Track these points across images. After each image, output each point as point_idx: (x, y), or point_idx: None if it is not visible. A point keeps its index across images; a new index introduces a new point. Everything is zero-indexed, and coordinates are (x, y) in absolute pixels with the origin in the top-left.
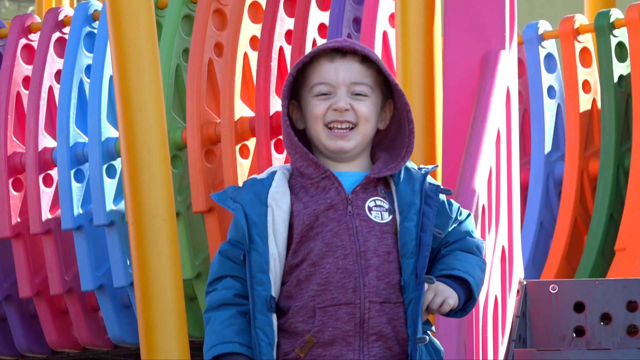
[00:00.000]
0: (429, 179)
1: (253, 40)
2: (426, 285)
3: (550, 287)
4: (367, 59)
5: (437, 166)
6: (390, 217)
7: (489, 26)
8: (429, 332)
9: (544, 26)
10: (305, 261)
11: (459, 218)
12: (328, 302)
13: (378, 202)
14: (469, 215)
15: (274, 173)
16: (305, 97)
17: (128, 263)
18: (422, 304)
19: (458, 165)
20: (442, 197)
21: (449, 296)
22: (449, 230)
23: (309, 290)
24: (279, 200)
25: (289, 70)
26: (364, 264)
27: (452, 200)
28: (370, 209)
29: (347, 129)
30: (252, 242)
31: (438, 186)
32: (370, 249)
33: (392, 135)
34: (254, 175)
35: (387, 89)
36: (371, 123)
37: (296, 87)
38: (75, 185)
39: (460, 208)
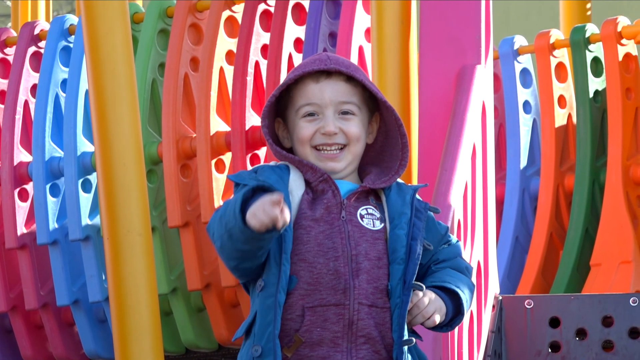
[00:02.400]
0: (417, 196)
1: (229, 55)
2: (419, 294)
3: (526, 302)
4: (352, 77)
5: (427, 184)
6: (382, 225)
7: (465, 41)
8: (414, 340)
9: (519, 41)
10: (295, 257)
11: (449, 240)
12: (317, 302)
13: (370, 211)
14: (457, 241)
15: (284, 164)
16: (292, 118)
17: (103, 278)
18: (408, 309)
19: (434, 180)
20: (430, 214)
21: (439, 308)
22: (439, 248)
23: (298, 289)
24: (295, 190)
25: (264, 85)
26: (354, 267)
27: (440, 221)
28: (362, 217)
29: (336, 150)
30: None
31: (427, 203)
32: (362, 253)
33: (379, 148)
34: (265, 164)
35: (373, 103)
36: (361, 142)
37: (281, 106)
38: (50, 199)
39: (449, 232)
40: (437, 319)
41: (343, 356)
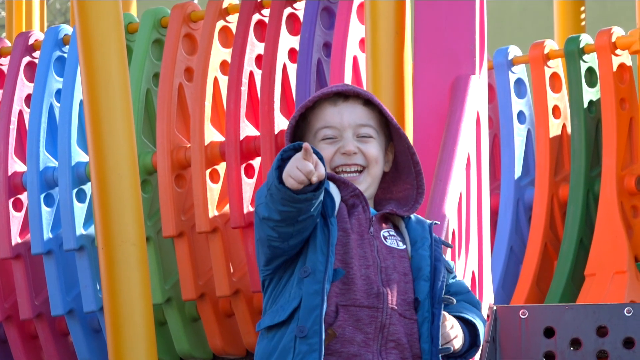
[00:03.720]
0: None
1: (223, 65)
2: (446, 316)
3: (520, 312)
4: (369, 102)
5: (438, 223)
6: (404, 246)
7: (459, 51)
8: (452, 347)
9: (514, 51)
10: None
11: (454, 275)
12: (351, 302)
13: (391, 233)
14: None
15: None
16: (311, 141)
17: (98, 287)
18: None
19: (428, 190)
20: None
21: (459, 335)
22: (449, 281)
23: (334, 287)
24: (335, 195)
25: (259, 95)
26: (384, 278)
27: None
28: (385, 238)
29: (355, 172)
30: (333, 216)
31: (441, 238)
32: (390, 267)
33: (390, 179)
34: None
35: (388, 131)
36: (380, 164)
37: (298, 132)
38: (45, 209)
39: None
40: (457, 343)
41: (374, 356)
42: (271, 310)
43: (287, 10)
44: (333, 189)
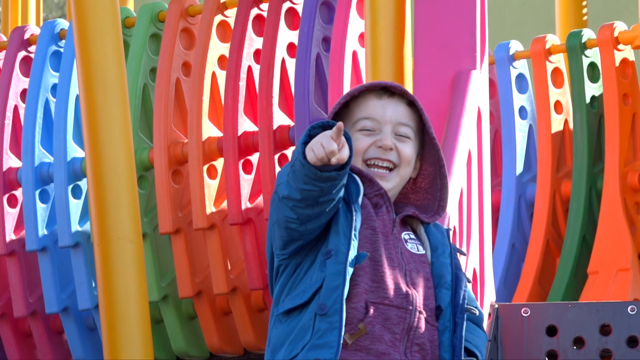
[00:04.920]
0: None
1: (221, 60)
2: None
3: (522, 310)
4: (412, 104)
5: (451, 229)
6: (424, 251)
7: (460, 46)
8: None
9: (515, 46)
10: (362, 250)
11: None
12: (380, 300)
13: (411, 237)
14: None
15: None
16: (349, 130)
17: (93, 285)
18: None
19: None
20: None
21: None
22: None
23: (363, 283)
24: (362, 190)
25: (257, 90)
26: (409, 280)
27: None
28: (405, 241)
29: (386, 168)
30: (357, 202)
31: (455, 246)
32: (414, 270)
33: (411, 185)
34: None
35: (422, 139)
36: (410, 167)
37: (337, 119)
38: (40, 205)
39: None
40: None
41: (401, 356)
42: (291, 295)
43: (286, 5)
44: (358, 180)
